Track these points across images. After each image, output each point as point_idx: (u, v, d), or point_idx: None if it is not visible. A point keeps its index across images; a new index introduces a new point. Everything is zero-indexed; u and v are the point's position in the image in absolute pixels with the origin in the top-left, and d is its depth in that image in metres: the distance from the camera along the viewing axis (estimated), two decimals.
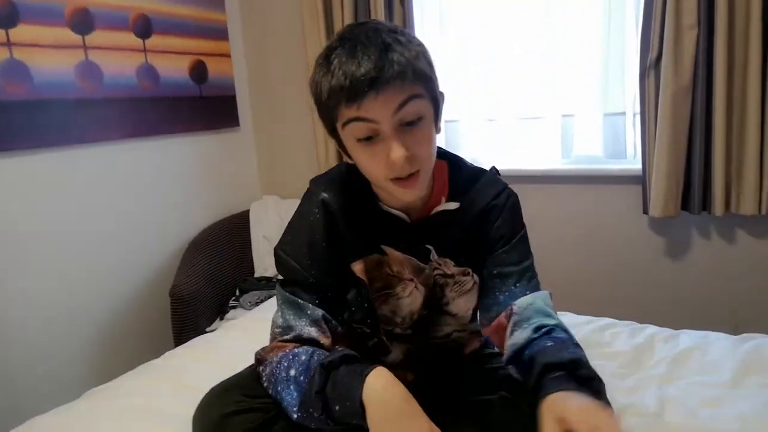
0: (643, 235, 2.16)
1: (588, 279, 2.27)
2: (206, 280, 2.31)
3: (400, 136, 0.90)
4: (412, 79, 0.88)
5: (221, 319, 2.30)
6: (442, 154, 1.08)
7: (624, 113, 2.15)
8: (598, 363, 1.30)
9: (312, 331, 1.00)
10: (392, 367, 1.14)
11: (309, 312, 1.01)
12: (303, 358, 0.94)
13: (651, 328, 1.49)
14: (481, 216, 1.06)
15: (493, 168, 1.13)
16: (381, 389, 0.86)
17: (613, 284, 2.23)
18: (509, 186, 1.10)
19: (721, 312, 2.05)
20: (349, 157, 0.99)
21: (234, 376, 1.08)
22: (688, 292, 2.11)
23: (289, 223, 1.09)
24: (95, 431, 1.12)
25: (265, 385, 0.99)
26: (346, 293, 1.07)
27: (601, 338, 1.46)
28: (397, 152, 0.89)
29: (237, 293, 2.44)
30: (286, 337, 1.00)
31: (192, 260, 2.34)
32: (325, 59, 0.91)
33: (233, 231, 2.62)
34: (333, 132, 0.97)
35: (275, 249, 1.07)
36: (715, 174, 1.90)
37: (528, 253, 1.07)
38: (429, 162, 0.96)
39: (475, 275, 1.08)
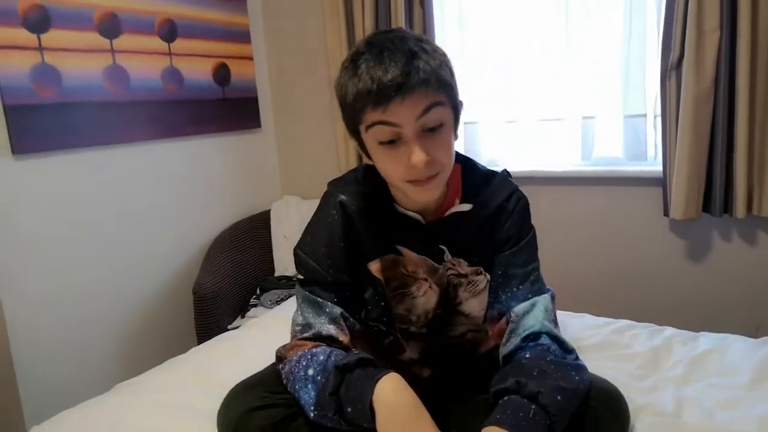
0: (664, 237, 2.15)
1: (608, 281, 2.26)
2: (228, 279, 2.35)
3: (422, 140, 0.92)
4: (436, 86, 0.91)
5: (242, 317, 2.34)
6: (456, 157, 1.09)
7: (645, 115, 2.14)
8: (616, 364, 1.32)
9: (331, 329, 1.02)
10: (408, 364, 1.17)
11: (328, 310, 1.04)
12: (321, 358, 0.97)
13: (669, 330, 1.49)
14: (492, 217, 1.08)
15: (505, 170, 1.15)
16: (390, 393, 0.89)
17: (633, 286, 2.23)
18: (520, 188, 1.12)
19: (743, 316, 2.03)
20: (369, 158, 1.02)
21: (257, 373, 1.11)
22: (709, 295, 2.10)
23: (308, 224, 1.12)
24: (123, 424, 1.16)
25: (284, 382, 1.02)
26: (363, 292, 1.10)
27: (620, 340, 1.46)
28: (418, 156, 0.92)
29: (258, 292, 2.49)
30: (305, 334, 1.03)
31: (215, 259, 2.39)
32: (352, 63, 0.93)
33: (254, 230, 2.66)
34: (355, 133, 1.00)
35: (295, 249, 1.10)
36: (737, 176, 1.88)
37: (534, 256, 1.09)
38: (447, 166, 0.99)
39: (487, 275, 1.10)
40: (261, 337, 1.50)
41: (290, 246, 2.58)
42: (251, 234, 2.63)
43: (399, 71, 0.88)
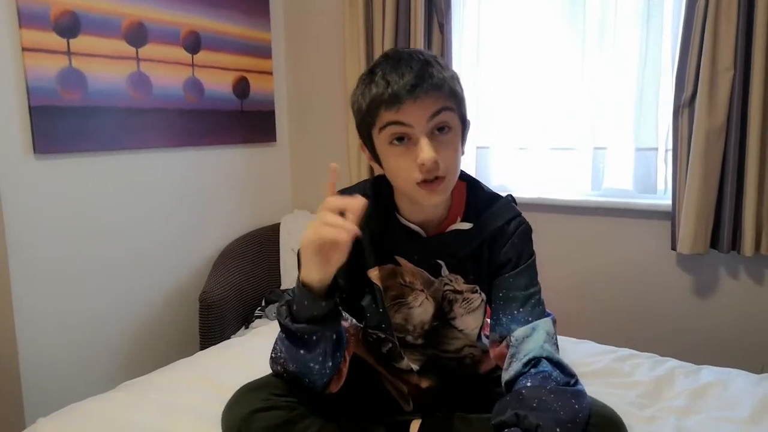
0: (671, 271, 2.15)
1: (613, 312, 2.26)
2: (234, 289, 2.37)
3: (431, 140, 0.97)
4: (448, 93, 0.97)
5: (246, 327, 2.35)
6: (463, 176, 1.13)
7: (656, 149, 2.16)
8: (616, 392, 1.32)
9: None
10: (408, 374, 1.18)
11: None
12: None
13: (672, 362, 1.49)
14: (491, 239, 1.10)
15: (509, 195, 1.17)
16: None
17: (638, 318, 2.23)
18: (523, 214, 1.14)
19: (747, 354, 2.02)
20: (380, 165, 1.05)
21: (262, 377, 1.13)
22: (714, 331, 2.09)
23: None
24: (128, 421, 1.17)
25: (273, 356, 1.06)
26: (361, 300, 1.13)
27: (622, 368, 1.47)
28: (427, 153, 0.95)
29: (263, 304, 2.50)
30: None
31: (222, 268, 2.41)
32: (369, 74, 1.00)
33: (263, 242, 2.68)
34: (368, 139, 1.04)
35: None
36: (746, 214, 1.89)
37: (534, 280, 1.10)
38: (453, 171, 1.02)
39: (482, 294, 1.12)
40: (266, 345, 1.50)
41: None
42: (260, 246, 2.66)
43: (413, 75, 0.94)
